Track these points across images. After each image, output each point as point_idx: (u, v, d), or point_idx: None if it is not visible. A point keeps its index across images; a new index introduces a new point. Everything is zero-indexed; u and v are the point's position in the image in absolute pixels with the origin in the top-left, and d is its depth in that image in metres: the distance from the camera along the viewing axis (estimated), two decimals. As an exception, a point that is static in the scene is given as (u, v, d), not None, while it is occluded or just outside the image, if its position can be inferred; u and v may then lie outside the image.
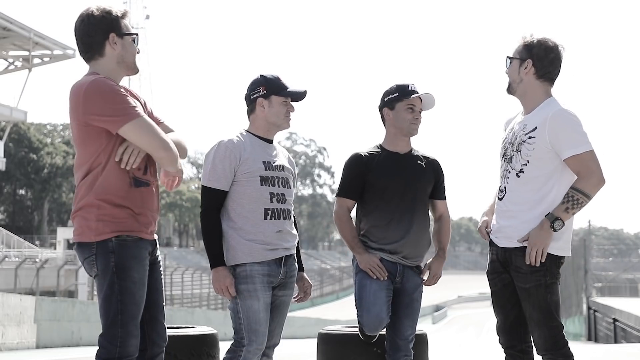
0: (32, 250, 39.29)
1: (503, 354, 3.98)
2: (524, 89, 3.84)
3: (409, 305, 4.25)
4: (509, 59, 3.87)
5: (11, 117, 38.24)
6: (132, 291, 3.33)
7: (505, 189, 3.87)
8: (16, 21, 34.82)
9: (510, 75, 3.87)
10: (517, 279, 3.78)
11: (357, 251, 4.23)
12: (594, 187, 3.69)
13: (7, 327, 12.98)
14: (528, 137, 3.77)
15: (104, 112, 3.26)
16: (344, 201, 4.29)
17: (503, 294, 3.89)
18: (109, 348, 3.30)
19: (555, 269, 3.76)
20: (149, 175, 3.46)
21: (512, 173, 3.83)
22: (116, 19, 3.41)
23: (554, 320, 3.73)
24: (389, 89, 4.30)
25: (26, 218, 62.76)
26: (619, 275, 38.11)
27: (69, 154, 60.40)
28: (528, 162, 3.76)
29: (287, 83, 4.00)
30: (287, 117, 4.01)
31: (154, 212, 3.47)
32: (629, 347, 12.12)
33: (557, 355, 3.72)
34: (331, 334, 4.54)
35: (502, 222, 3.87)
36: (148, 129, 3.33)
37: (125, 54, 3.44)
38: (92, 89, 3.27)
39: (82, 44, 3.43)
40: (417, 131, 4.26)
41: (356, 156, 4.28)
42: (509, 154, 3.87)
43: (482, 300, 72.78)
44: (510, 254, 3.80)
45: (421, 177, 4.26)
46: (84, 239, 3.35)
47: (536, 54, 3.80)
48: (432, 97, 4.24)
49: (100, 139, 3.31)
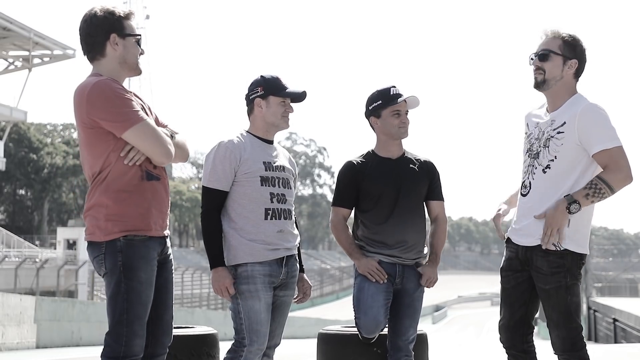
0: (32, 250, 39.28)
1: (505, 355, 3.95)
2: (562, 86, 3.77)
3: (410, 306, 4.25)
4: (551, 53, 3.74)
5: (11, 117, 38.26)
6: (138, 291, 3.34)
7: (530, 184, 3.80)
8: (16, 21, 34.84)
9: (550, 72, 3.75)
10: (538, 280, 3.74)
11: (355, 257, 4.24)
12: (620, 182, 3.62)
13: (7, 327, 12.98)
14: (557, 133, 3.71)
15: (106, 117, 3.27)
16: (339, 210, 4.31)
17: (514, 293, 3.84)
18: (114, 347, 3.32)
19: (576, 270, 3.71)
20: (159, 170, 3.48)
21: (539, 169, 3.76)
22: (119, 19, 3.41)
23: (574, 321, 3.69)
24: (371, 96, 4.30)
25: (26, 218, 62.75)
26: (619, 275, 38.11)
27: (69, 154, 60.43)
28: (556, 157, 3.70)
29: (286, 84, 4.00)
30: (285, 118, 4.01)
31: (164, 206, 3.48)
32: (629, 347, 12.13)
33: (574, 357, 3.68)
34: (331, 334, 4.54)
35: (524, 221, 3.80)
36: (150, 134, 3.34)
37: (127, 55, 3.43)
38: (95, 91, 3.28)
39: (84, 44, 3.44)
40: (407, 134, 4.26)
41: (349, 164, 4.29)
42: (535, 149, 3.80)
43: (482, 300, 72.87)
44: (531, 254, 3.74)
45: (415, 181, 4.26)
46: (94, 238, 3.38)
47: (579, 53, 3.76)
48: (415, 98, 4.23)
49: (108, 140, 3.32)
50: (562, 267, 3.68)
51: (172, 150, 3.41)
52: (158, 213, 3.44)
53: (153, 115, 3.54)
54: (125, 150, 3.34)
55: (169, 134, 3.49)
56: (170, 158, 3.42)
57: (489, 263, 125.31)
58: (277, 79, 4.00)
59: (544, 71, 3.76)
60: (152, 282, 3.40)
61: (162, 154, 3.37)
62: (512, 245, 3.87)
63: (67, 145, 63.46)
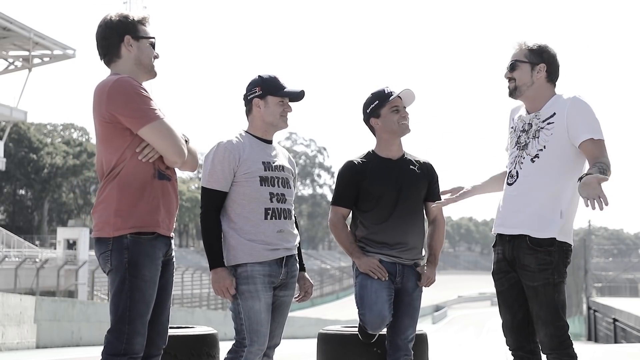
0: (32, 250, 39.26)
1: (511, 357, 3.94)
2: (535, 91, 3.85)
3: (409, 305, 4.25)
4: (518, 62, 3.86)
5: (11, 117, 38.26)
6: (142, 289, 3.37)
7: (518, 174, 3.84)
8: (16, 21, 34.84)
9: (520, 79, 3.85)
10: (525, 277, 3.76)
11: (355, 256, 4.24)
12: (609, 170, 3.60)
13: (7, 327, 12.97)
14: (547, 124, 3.77)
15: (124, 112, 3.33)
16: (339, 209, 4.32)
17: (510, 294, 3.87)
18: (115, 344, 3.34)
19: (563, 268, 3.74)
20: (171, 171, 3.53)
21: (527, 158, 3.81)
22: (132, 22, 3.50)
23: (561, 319, 3.72)
24: (367, 100, 4.32)
25: (26, 218, 62.77)
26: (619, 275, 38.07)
27: (69, 154, 60.45)
28: (545, 147, 3.76)
29: (284, 83, 4.00)
30: (284, 117, 4.01)
31: (172, 207, 3.53)
32: (629, 347, 12.12)
33: (562, 355, 3.71)
34: (331, 334, 4.54)
35: (510, 207, 3.84)
36: (166, 132, 3.39)
37: (142, 56, 3.51)
38: (116, 87, 3.35)
39: (100, 48, 3.53)
40: (409, 128, 4.27)
41: (349, 164, 4.30)
42: (523, 141, 3.85)
43: (482, 300, 72.88)
44: (518, 252, 3.77)
45: (415, 182, 4.27)
46: (102, 234, 3.41)
47: (547, 58, 3.84)
48: (410, 91, 4.25)
49: (125, 136, 3.38)
50: (549, 264, 3.71)
51: (185, 151, 3.47)
52: (166, 212, 3.48)
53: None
54: (141, 146, 3.39)
55: (183, 138, 3.54)
56: (182, 158, 3.46)
57: (489, 263, 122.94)
58: (275, 78, 4.00)
59: (515, 79, 3.88)
60: (156, 281, 3.43)
61: (175, 153, 3.42)
62: (499, 246, 3.90)
63: (67, 145, 63.48)
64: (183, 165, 3.54)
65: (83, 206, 65.18)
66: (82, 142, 65.47)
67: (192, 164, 3.60)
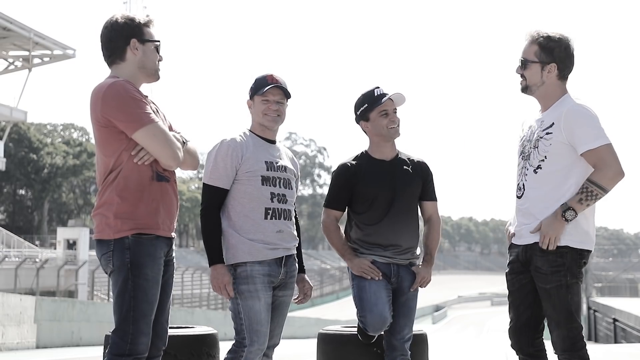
0: (32, 250, 39.24)
1: (512, 357, 3.93)
2: (545, 90, 3.83)
3: (405, 304, 4.24)
4: (528, 62, 3.82)
5: (11, 117, 38.23)
6: (145, 289, 3.37)
7: (524, 186, 3.85)
8: (16, 21, 34.82)
9: (530, 79, 3.83)
10: (538, 279, 3.75)
11: (347, 257, 4.24)
12: (610, 180, 3.65)
13: (7, 327, 12.98)
14: (545, 133, 3.77)
15: (119, 116, 3.34)
16: (331, 212, 4.32)
17: (519, 295, 3.87)
18: (119, 344, 3.35)
19: (577, 269, 3.72)
20: (169, 172, 3.54)
21: (530, 170, 3.81)
22: (138, 25, 3.51)
23: (574, 321, 3.70)
24: (357, 101, 4.31)
25: (26, 218, 62.76)
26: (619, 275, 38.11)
27: (69, 154, 60.43)
28: (545, 157, 3.76)
29: (272, 81, 3.97)
30: (267, 116, 3.98)
31: (172, 208, 3.53)
32: (629, 347, 12.13)
33: (574, 356, 3.69)
34: (331, 334, 4.54)
35: (522, 220, 3.84)
36: (159, 136, 3.40)
37: (146, 60, 3.53)
38: (111, 92, 3.36)
39: (105, 49, 3.54)
40: (398, 133, 4.25)
41: (343, 167, 4.29)
42: (526, 151, 3.86)
43: (482, 300, 72.88)
44: (531, 254, 3.77)
45: (409, 182, 4.26)
46: (103, 236, 3.42)
47: (558, 56, 3.79)
48: (400, 95, 4.23)
49: (121, 139, 3.39)
50: (562, 266, 3.69)
51: (180, 155, 3.47)
52: (166, 213, 3.49)
53: (167, 122, 3.61)
54: (136, 149, 3.40)
55: (180, 140, 3.54)
56: (177, 162, 3.47)
57: (489, 263, 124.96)
58: (263, 77, 3.99)
59: (525, 78, 3.85)
60: (158, 280, 3.44)
61: (169, 156, 3.42)
62: (514, 248, 3.90)
63: (67, 145, 63.46)
64: (183, 165, 3.54)
65: (83, 206, 65.21)
66: (82, 142, 65.46)
67: (192, 164, 3.61)
